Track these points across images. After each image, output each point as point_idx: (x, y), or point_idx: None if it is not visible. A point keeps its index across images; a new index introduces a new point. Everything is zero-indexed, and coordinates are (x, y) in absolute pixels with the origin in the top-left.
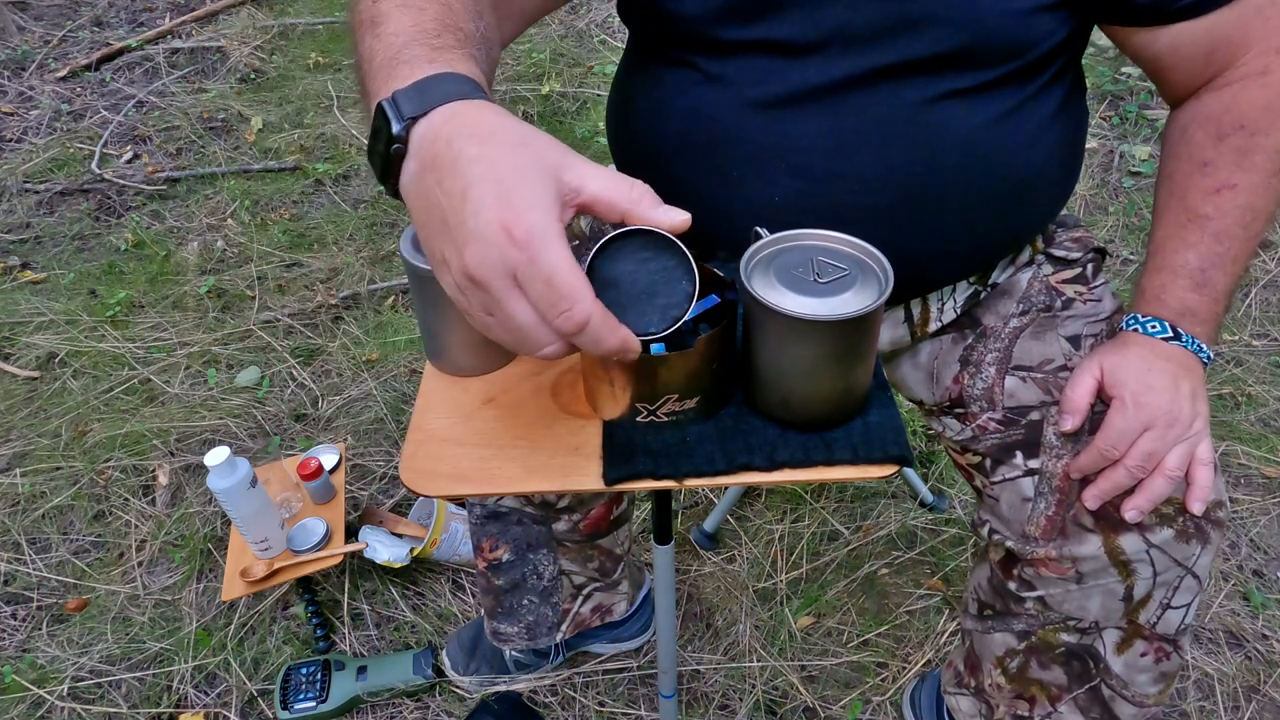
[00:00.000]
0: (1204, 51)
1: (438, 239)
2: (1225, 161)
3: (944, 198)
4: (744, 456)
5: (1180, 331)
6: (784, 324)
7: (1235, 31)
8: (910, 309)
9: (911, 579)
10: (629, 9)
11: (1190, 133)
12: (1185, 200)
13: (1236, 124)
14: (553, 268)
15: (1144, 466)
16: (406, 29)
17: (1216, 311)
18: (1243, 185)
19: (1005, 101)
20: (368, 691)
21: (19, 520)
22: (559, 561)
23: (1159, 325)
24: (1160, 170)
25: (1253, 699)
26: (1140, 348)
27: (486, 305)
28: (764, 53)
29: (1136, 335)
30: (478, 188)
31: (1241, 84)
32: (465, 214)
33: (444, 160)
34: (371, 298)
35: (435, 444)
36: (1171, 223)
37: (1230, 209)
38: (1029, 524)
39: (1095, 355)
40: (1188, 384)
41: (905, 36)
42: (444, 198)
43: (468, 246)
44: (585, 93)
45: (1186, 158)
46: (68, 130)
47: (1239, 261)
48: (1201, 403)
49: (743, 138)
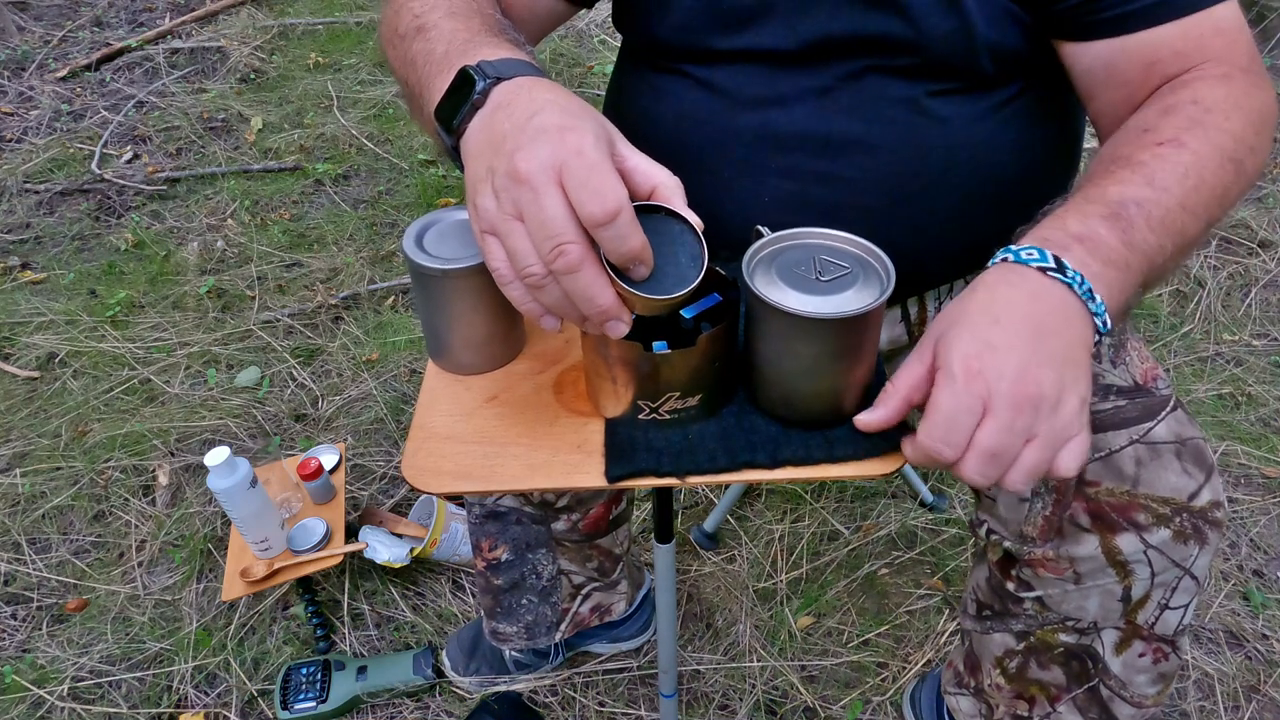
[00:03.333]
0: (1141, 68)
1: (486, 157)
2: (1173, 124)
3: (933, 195)
4: (746, 454)
5: (1065, 264)
6: (786, 322)
7: (1185, 46)
8: (907, 308)
9: (911, 579)
10: (621, 18)
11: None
12: (1118, 152)
13: (1189, 99)
14: (598, 163)
15: (985, 475)
16: (467, 28)
17: (1128, 260)
18: (1191, 146)
19: (988, 101)
20: (368, 691)
21: (19, 520)
22: (558, 561)
23: (1036, 253)
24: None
25: (1253, 699)
26: (991, 288)
27: (519, 203)
28: (751, 61)
29: (996, 270)
30: (546, 110)
31: (1196, 80)
32: (529, 124)
33: (519, 99)
34: (371, 298)
35: (437, 442)
36: (1096, 171)
37: (1172, 161)
38: (1026, 524)
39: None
40: (1057, 342)
41: (881, 50)
42: (509, 121)
43: (521, 149)
44: (585, 93)
45: (1126, 129)
46: (68, 130)
47: (1169, 224)
48: (1080, 373)
49: (732, 139)
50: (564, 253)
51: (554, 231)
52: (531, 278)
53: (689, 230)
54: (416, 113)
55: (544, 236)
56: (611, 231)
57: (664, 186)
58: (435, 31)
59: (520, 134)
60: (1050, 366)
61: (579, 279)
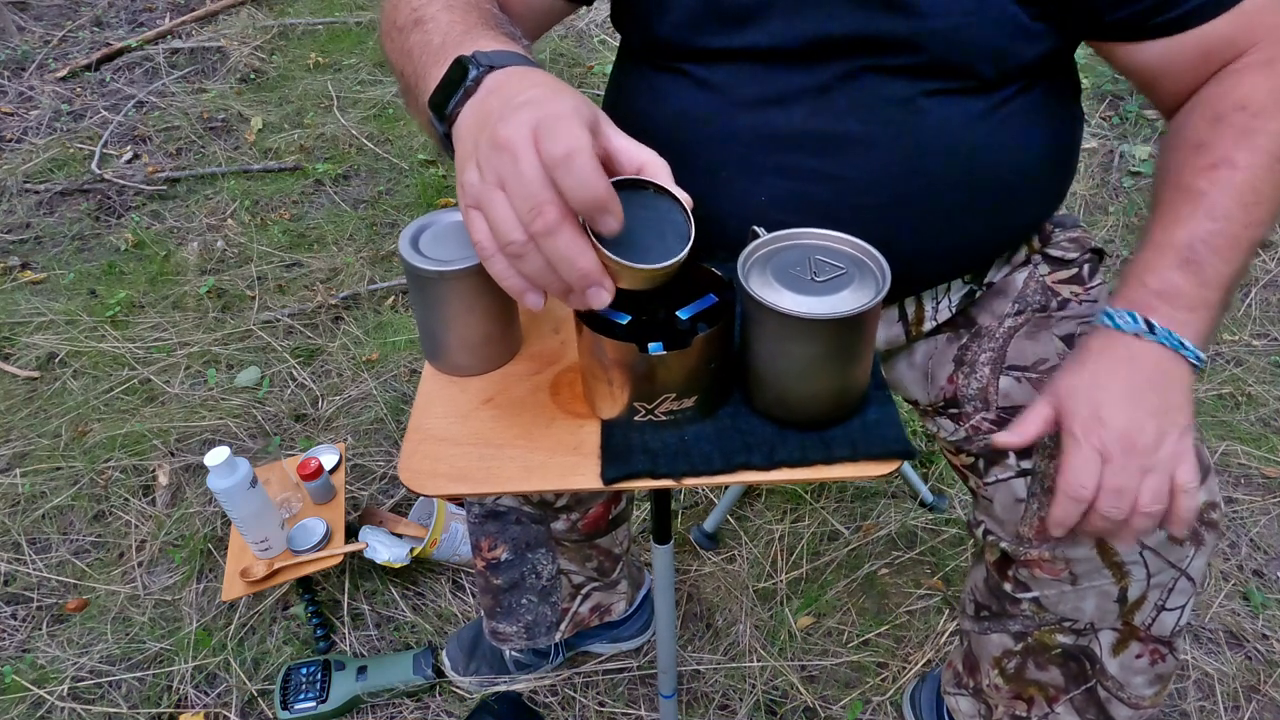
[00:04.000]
0: (1197, 58)
1: (473, 135)
2: (1223, 141)
3: (930, 196)
4: (742, 455)
5: (1155, 325)
6: (781, 322)
7: (1234, 33)
8: (904, 308)
9: (911, 579)
10: (620, 17)
11: (1185, 120)
12: (1179, 179)
13: (1237, 105)
14: (565, 115)
15: (1118, 507)
16: (464, 21)
17: (1207, 298)
18: (1243, 164)
19: (986, 101)
20: (368, 691)
21: (19, 520)
22: (558, 561)
23: (1129, 319)
24: (1156, 167)
25: (1253, 699)
26: (1097, 358)
27: (500, 171)
28: (749, 60)
29: (1100, 337)
30: (535, 89)
31: (1244, 71)
32: (515, 99)
33: (510, 83)
34: (371, 298)
35: (434, 444)
36: (1162, 203)
37: (1228, 185)
38: (1022, 525)
39: (1056, 376)
40: (1154, 397)
41: (882, 49)
42: (497, 100)
43: (505, 120)
44: (585, 93)
45: (1180, 144)
46: (68, 130)
47: (1238, 247)
48: (1176, 415)
49: (730, 138)
50: (542, 213)
51: (532, 191)
52: (512, 246)
53: (677, 207)
54: (412, 104)
55: (523, 198)
56: (569, 174)
57: (650, 165)
58: (433, 24)
59: (505, 108)
60: (1150, 417)
61: (558, 241)
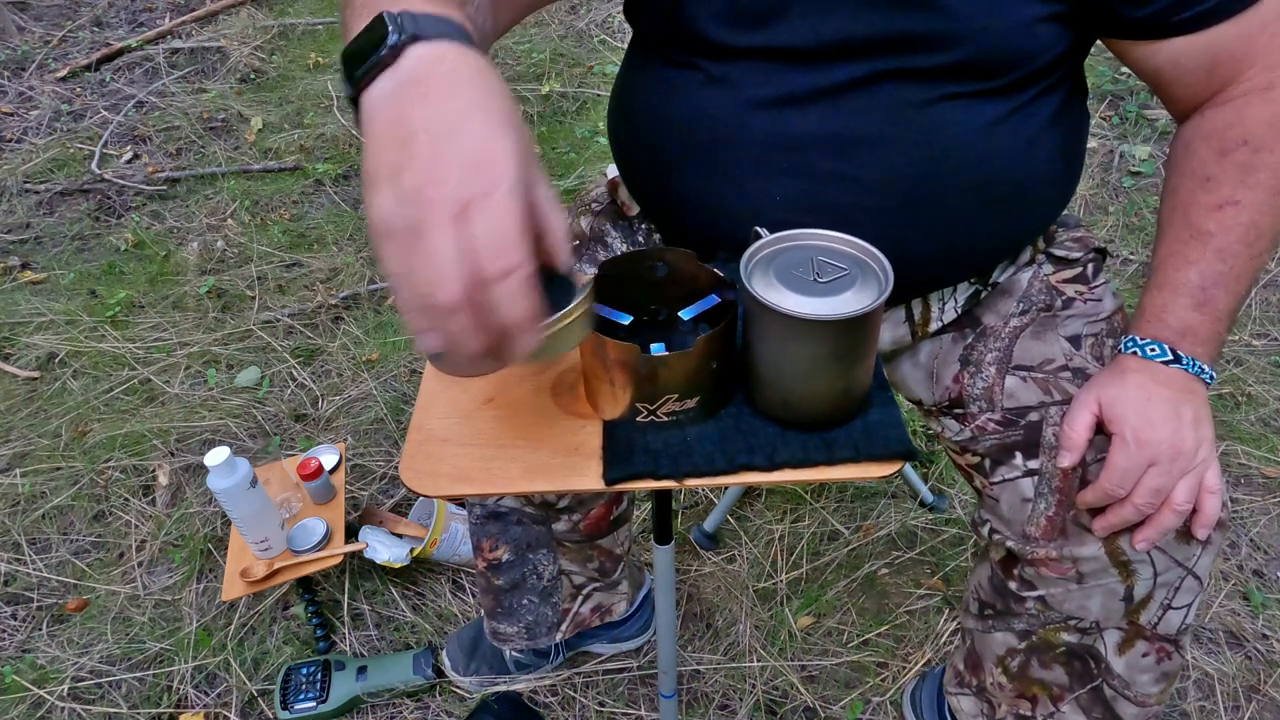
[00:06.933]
0: (1205, 66)
1: (390, 154)
2: (1228, 177)
3: (943, 199)
4: (744, 456)
5: (1180, 354)
6: (784, 324)
7: (1239, 47)
8: (911, 309)
9: (911, 579)
10: (635, 10)
11: (1194, 147)
12: (1188, 216)
13: (1240, 139)
14: (508, 211)
15: (1152, 503)
16: None
17: (1218, 331)
18: (1246, 202)
19: (1004, 105)
20: (368, 691)
21: (19, 520)
22: (559, 561)
23: (1159, 349)
24: (1165, 184)
25: (1253, 699)
26: (1139, 375)
27: (417, 228)
28: (768, 58)
29: (1135, 360)
30: (471, 116)
31: (1245, 99)
32: (447, 143)
33: (436, 87)
34: (371, 298)
35: (435, 444)
36: (1173, 239)
37: (1233, 226)
38: (1029, 524)
39: (1093, 386)
40: (1190, 410)
41: (906, 49)
42: (424, 114)
43: (435, 164)
44: (585, 93)
45: (1189, 173)
46: (68, 130)
47: (1242, 280)
48: (1205, 427)
49: (745, 137)
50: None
51: (437, 277)
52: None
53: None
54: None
55: (425, 278)
56: (504, 291)
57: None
58: None
59: (434, 143)
60: (1188, 429)
61: (500, 291)
